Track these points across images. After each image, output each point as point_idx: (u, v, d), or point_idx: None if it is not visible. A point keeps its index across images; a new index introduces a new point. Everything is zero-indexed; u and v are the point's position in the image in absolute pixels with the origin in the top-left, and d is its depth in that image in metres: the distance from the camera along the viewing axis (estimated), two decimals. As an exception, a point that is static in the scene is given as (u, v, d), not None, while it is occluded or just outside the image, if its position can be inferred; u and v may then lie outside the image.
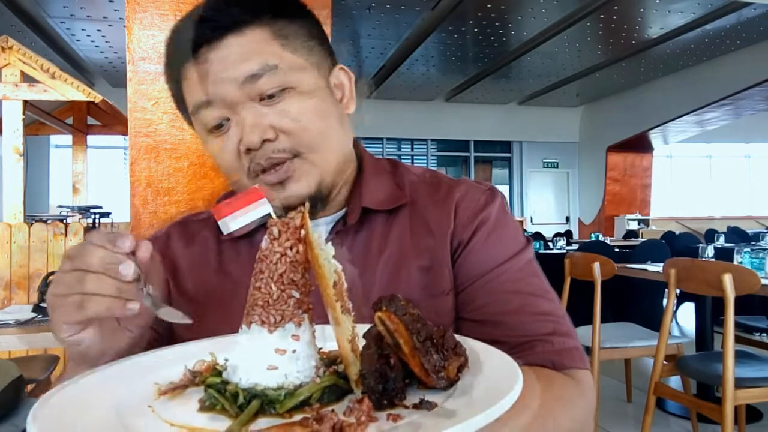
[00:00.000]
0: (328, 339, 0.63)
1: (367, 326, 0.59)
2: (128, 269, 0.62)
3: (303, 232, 0.59)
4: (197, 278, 0.92)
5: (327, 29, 1.27)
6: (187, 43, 0.79)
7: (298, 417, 0.52)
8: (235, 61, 0.78)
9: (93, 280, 0.62)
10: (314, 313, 0.61)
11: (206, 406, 0.55)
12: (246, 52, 0.78)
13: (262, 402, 0.54)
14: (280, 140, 0.80)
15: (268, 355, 0.57)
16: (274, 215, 0.62)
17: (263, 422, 0.52)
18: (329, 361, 0.62)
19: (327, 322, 0.60)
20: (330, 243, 0.59)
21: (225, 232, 0.66)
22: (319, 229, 0.89)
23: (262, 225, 0.89)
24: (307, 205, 0.60)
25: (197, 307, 0.87)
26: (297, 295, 0.58)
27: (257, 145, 0.79)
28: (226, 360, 0.61)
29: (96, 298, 0.62)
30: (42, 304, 2.48)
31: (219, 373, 0.59)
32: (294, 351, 0.57)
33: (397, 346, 0.56)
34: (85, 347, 0.67)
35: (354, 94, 0.91)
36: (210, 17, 0.79)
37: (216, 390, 0.56)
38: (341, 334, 0.57)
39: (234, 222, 0.66)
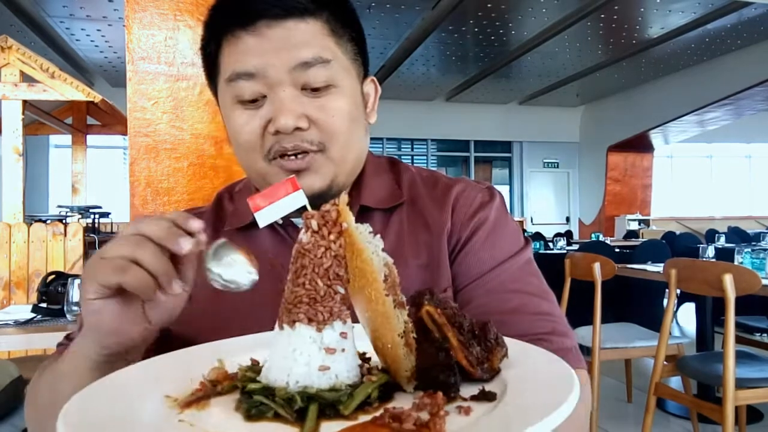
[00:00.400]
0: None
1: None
2: (187, 244, 0.61)
3: (345, 225, 0.56)
4: (196, 273, 0.92)
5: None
6: (246, 12, 0.79)
7: (363, 418, 0.50)
8: (293, 45, 0.79)
9: (147, 248, 0.61)
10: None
11: (253, 414, 0.51)
12: (305, 39, 0.79)
13: (319, 405, 0.51)
14: (311, 131, 0.81)
15: (317, 355, 0.54)
16: (309, 207, 0.59)
17: (331, 426, 0.49)
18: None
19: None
20: (378, 236, 0.58)
21: (261, 225, 0.63)
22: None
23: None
24: (345, 197, 0.58)
25: (195, 303, 0.86)
26: (342, 290, 0.56)
27: (290, 129, 0.79)
28: (253, 363, 0.58)
29: (138, 269, 0.60)
30: (41, 304, 2.48)
31: (250, 379, 0.55)
32: (343, 350, 0.55)
33: (444, 339, 0.55)
34: (100, 319, 0.64)
35: (376, 106, 0.94)
36: None
37: (263, 396, 0.52)
38: (389, 330, 0.55)
39: (271, 214, 0.63)
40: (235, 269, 0.63)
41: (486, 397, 0.51)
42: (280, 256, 0.87)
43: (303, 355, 0.54)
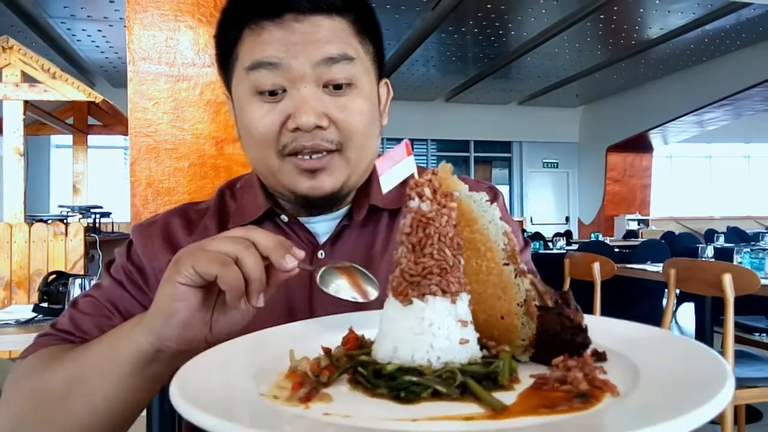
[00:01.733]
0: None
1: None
2: (292, 262, 0.61)
3: (457, 194, 0.54)
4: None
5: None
6: (274, 2, 0.79)
7: (518, 387, 0.48)
8: (320, 40, 0.78)
9: (251, 252, 0.60)
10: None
11: (404, 397, 0.47)
12: (331, 35, 0.79)
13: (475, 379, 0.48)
14: (331, 131, 0.80)
15: (455, 328, 0.51)
16: (416, 175, 0.56)
17: (501, 396, 0.46)
18: None
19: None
20: (495, 204, 0.56)
21: (384, 191, 0.58)
22: (327, 224, 0.90)
23: (266, 215, 0.89)
24: (449, 166, 0.56)
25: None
26: (462, 261, 0.53)
27: (311, 127, 0.78)
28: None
29: (237, 268, 0.60)
30: (42, 304, 2.48)
31: (366, 362, 0.51)
32: (470, 322, 0.53)
33: (545, 308, 0.55)
34: (178, 306, 0.62)
35: (387, 109, 0.94)
36: None
37: (416, 375, 0.48)
38: (506, 300, 0.54)
39: (391, 179, 0.57)
40: (341, 295, 0.65)
41: (599, 357, 0.52)
42: None
43: (442, 329, 0.50)
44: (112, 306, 0.85)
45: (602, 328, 0.58)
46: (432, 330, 0.50)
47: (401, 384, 0.47)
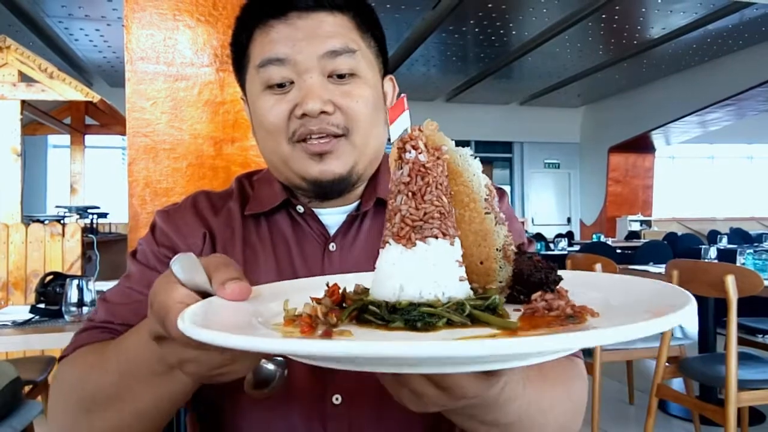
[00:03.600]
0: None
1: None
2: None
3: (445, 147, 0.58)
4: (225, 245, 0.93)
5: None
6: (278, 2, 0.85)
7: (513, 315, 0.54)
8: (322, 35, 0.84)
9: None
10: None
11: (422, 326, 0.51)
12: (333, 30, 0.85)
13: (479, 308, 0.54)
14: (336, 116, 0.85)
15: (454, 268, 0.56)
16: (410, 129, 0.60)
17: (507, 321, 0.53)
18: None
19: None
20: (478, 159, 0.60)
21: (392, 139, 0.61)
22: (338, 217, 0.94)
23: (282, 205, 0.92)
24: (434, 123, 0.59)
25: None
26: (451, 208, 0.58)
27: (316, 113, 0.83)
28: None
29: None
30: (39, 305, 2.46)
31: (368, 302, 0.56)
32: (462, 261, 0.57)
33: (519, 252, 0.61)
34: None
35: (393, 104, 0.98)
36: None
37: (442, 309, 0.52)
38: (486, 246, 0.59)
39: (399, 127, 0.60)
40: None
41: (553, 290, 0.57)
42: (298, 242, 0.92)
43: (445, 269, 0.55)
44: (148, 289, 0.84)
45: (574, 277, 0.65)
46: (437, 269, 0.55)
47: (416, 316, 0.52)
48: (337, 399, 0.82)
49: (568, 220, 15.04)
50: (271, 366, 0.67)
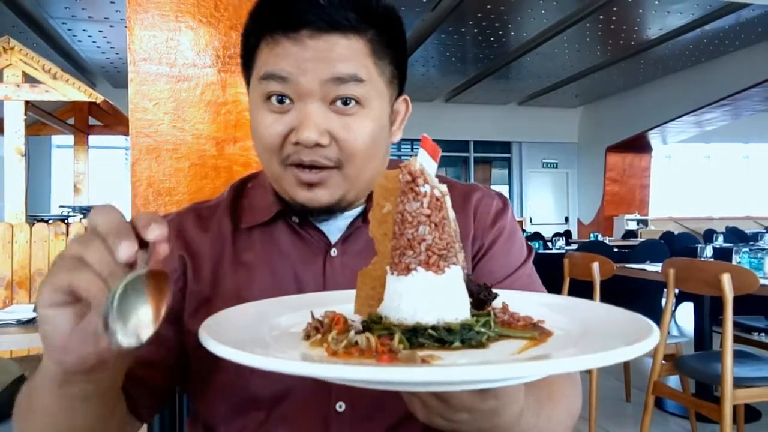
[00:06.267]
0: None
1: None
2: (125, 251, 0.52)
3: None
4: (214, 265, 0.90)
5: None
6: (291, 18, 0.79)
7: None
8: (331, 59, 0.78)
9: (93, 246, 0.53)
10: None
11: (476, 344, 0.58)
12: (344, 55, 0.79)
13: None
14: (331, 148, 0.81)
15: (465, 293, 0.62)
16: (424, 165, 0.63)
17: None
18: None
19: None
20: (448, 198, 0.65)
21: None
22: (338, 223, 0.91)
23: (278, 215, 0.90)
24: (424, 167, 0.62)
25: (212, 295, 0.87)
26: None
27: (311, 143, 0.79)
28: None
29: (86, 269, 0.52)
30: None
31: (392, 327, 0.59)
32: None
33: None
34: (49, 330, 0.55)
35: (403, 126, 0.94)
36: (325, 8, 0.78)
37: (484, 329, 0.59)
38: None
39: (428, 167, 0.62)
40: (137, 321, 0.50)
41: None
42: (297, 249, 0.89)
43: (463, 293, 0.61)
44: None
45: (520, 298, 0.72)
46: (456, 295, 0.60)
47: (471, 335, 0.57)
48: (340, 406, 0.81)
49: (566, 219, 15.07)
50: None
